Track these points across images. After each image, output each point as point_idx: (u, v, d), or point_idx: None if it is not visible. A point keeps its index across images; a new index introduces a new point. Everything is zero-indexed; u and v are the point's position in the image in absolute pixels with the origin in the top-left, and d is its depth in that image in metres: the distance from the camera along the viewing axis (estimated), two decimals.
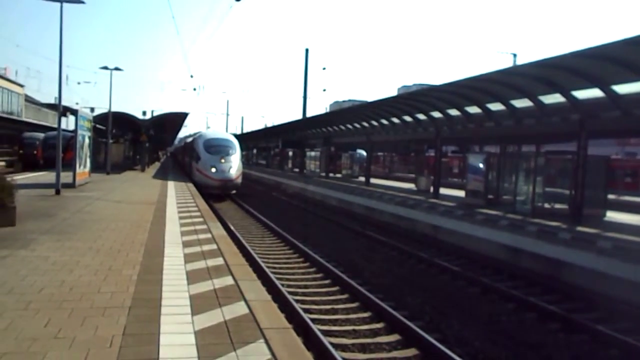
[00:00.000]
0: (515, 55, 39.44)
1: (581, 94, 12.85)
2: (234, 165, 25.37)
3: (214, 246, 8.56)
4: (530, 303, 8.90)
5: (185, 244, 8.57)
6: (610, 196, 16.99)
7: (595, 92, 12.32)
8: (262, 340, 4.38)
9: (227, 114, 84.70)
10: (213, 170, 24.65)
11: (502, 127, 17.05)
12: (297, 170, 41.47)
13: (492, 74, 13.69)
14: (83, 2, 15.23)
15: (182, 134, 72.23)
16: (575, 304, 9.14)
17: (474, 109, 17.22)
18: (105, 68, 27.35)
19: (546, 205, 14.84)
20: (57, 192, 15.36)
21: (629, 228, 12.54)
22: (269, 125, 61.54)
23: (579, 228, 12.05)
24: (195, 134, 43.15)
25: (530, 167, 15.50)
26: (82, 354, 3.92)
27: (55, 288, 5.64)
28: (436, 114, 19.33)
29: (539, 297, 9.31)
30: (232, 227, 15.17)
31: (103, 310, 4.96)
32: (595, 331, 7.56)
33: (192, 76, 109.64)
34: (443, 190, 21.09)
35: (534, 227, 12.46)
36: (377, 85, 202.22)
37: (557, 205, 14.77)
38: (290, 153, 47.13)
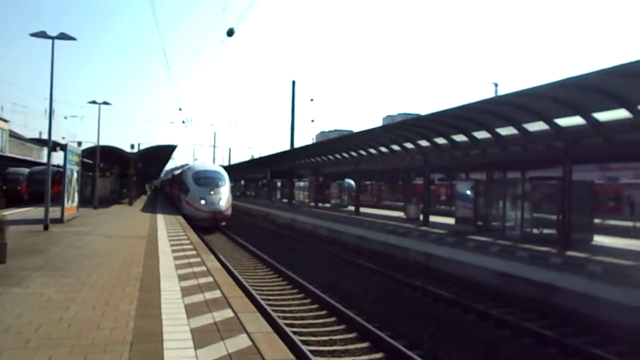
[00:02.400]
0: (496, 85, 40.61)
1: (564, 122, 13.23)
2: (224, 197, 25.34)
3: (210, 279, 8.52)
4: (526, 328, 8.95)
5: (181, 277, 8.52)
6: (596, 220, 17.29)
7: (577, 120, 12.70)
8: None
9: (215, 146, 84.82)
10: (202, 202, 24.58)
11: (488, 154, 17.41)
12: (285, 200, 41.51)
13: (478, 104, 14.06)
14: (74, 39, 15.41)
15: (168, 166, 72.04)
16: (570, 328, 9.21)
17: (460, 137, 17.57)
18: (94, 102, 27.40)
19: (535, 231, 15.05)
20: (46, 228, 15.17)
21: (616, 251, 12.75)
22: (257, 156, 61.72)
23: (569, 252, 12.22)
24: (183, 166, 43.11)
25: (517, 193, 15.77)
26: None
27: (53, 325, 5.57)
28: (424, 143, 19.66)
29: (534, 322, 9.36)
30: (223, 260, 15.07)
31: (104, 346, 4.91)
32: (592, 355, 7.62)
33: (180, 109, 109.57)
34: (432, 218, 21.25)
35: (525, 252, 12.60)
36: (362, 115, 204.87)
37: (546, 231, 14.98)
38: (279, 184, 47.23)
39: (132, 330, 5.42)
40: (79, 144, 36.97)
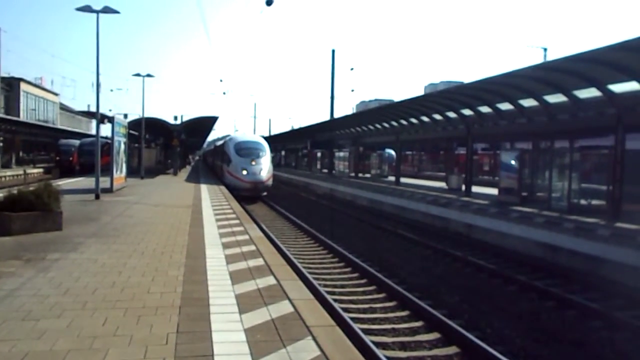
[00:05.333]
0: (545, 50, 38.88)
1: (618, 88, 12.60)
2: (265, 167, 25.68)
3: (253, 247, 8.75)
4: (571, 300, 8.79)
5: (225, 246, 8.79)
6: None
7: (632, 86, 12.06)
8: (309, 338, 4.51)
9: (255, 117, 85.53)
10: (244, 172, 25.01)
11: (535, 123, 16.81)
12: (325, 170, 41.65)
13: (525, 70, 13.54)
14: (118, 12, 15.70)
15: (210, 137, 73.37)
16: (618, 301, 8.97)
17: (505, 106, 17.04)
18: (138, 75, 28.06)
19: (582, 202, 14.59)
20: (97, 197, 15.86)
21: None
22: (297, 126, 61.91)
23: (619, 224, 11.81)
24: (225, 137, 43.80)
25: (565, 163, 15.26)
26: (141, 350, 4.11)
27: (108, 289, 5.89)
28: (467, 112, 19.18)
29: (579, 295, 9.18)
30: (265, 229, 15.38)
31: (155, 309, 5.17)
32: None
33: (221, 80, 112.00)
34: (474, 188, 20.89)
35: (571, 223, 12.27)
36: (403, 84, 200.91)
37: (595, 202, 14.49)
38: (319, 154, 47.33)
39: (180, 295, 5.67)
40: (125, 116, 38.04)
